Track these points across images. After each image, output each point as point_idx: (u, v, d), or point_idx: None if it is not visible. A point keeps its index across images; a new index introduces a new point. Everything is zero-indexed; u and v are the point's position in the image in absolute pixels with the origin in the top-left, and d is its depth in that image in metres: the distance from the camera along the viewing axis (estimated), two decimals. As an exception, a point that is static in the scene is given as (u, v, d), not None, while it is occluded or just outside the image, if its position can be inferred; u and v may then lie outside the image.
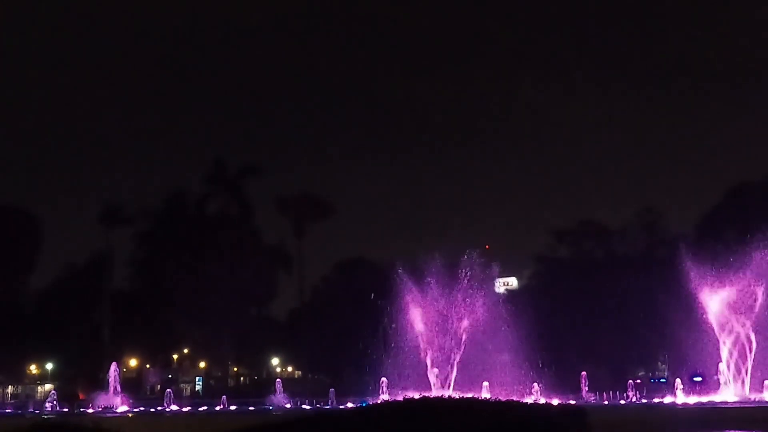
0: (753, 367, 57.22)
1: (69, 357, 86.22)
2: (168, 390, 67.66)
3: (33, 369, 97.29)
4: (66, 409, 57.67)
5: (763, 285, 57.58)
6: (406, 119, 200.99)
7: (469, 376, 58.07)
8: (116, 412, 55.48)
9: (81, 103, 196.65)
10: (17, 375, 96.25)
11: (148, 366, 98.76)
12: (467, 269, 60.25)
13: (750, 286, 57.78)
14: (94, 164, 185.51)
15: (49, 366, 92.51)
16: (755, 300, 57.80)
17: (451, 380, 59.41)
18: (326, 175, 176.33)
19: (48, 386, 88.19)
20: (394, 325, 60.05)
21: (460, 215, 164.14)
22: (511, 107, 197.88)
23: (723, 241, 59.51)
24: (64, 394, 65.72)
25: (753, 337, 57.69)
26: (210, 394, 78.28)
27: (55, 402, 61.08)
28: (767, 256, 57.29)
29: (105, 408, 58.28)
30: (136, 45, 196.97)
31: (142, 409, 59.84)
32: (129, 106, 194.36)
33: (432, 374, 59.72)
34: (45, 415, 51.64)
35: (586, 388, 61.04)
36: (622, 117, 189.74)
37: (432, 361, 60.45)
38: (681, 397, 56.21)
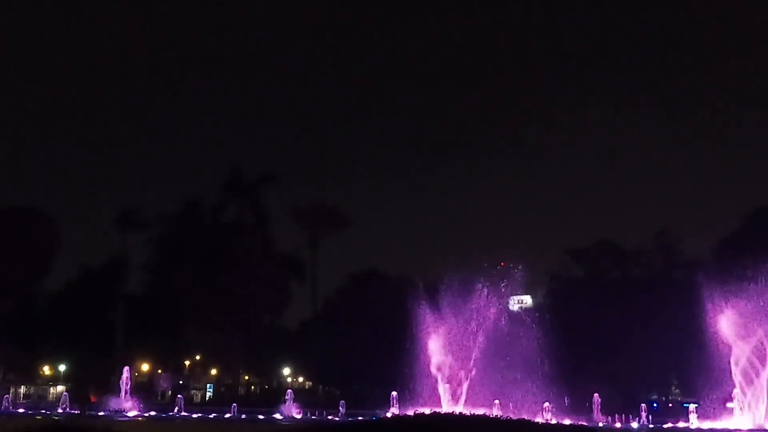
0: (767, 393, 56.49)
1: (81, 359, 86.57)
2: (179, 396, 67.77)
3: (46, 370, 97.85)
4: (77, 412, 57.82)
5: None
6: (426, 134, 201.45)
7: (480, 393, 57.71)
8: (127, 416, 55.60)
9: (101, 108, 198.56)
10: (30, 375, 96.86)
11: (159, 371, 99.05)
12: (481, 286, 60.02)
13: (765, 311, 57.12)
14: (112, 168, 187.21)
15: (62, 368, 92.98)
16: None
17: (462, 396, 59.10)
18: (343, 186, 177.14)
19: (60, 388, 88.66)
20: (405, 339, 59.80)
21: (475, 231, 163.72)
22: (532, 126, 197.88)
23: (740, 266, 58.87)
24: (76, 396, 65.93)
25: (768, 363, 57.00)
26: (220, 402, 78.33)
27: (66, 404, 61.29)
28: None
29: (116, 411, 58.39)
30: (157, 52, 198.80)
31: (152, 413, 59.91)
32: (149, 111, 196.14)
33: (443, 390, 59.43)
34: (56, 416, 51.83)
35: (598, 410, 60.47)
36: (642, 139, 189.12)
37: (443, 377, 60.16)
38: (695, 422, 55.58)
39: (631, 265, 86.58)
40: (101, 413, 56.87)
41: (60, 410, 59.30)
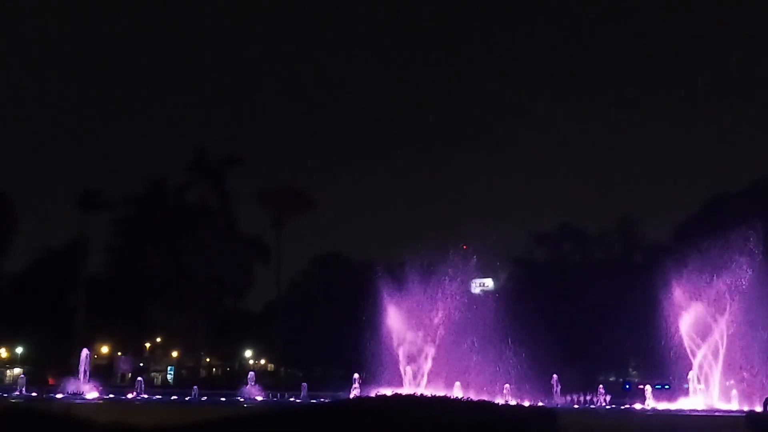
0: (721, 375, 57.89)
1: (40, 342, 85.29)
2: (139, 378, 67.19)
3: (2, 353, 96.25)
4: (35, 394, 57.04)
5: (736, 295, 58.27)
6: (391, 118, 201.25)
7: (442, 375, 58.21)
8: (86, 399, 54.93)
9: (61, 87, 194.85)
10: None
11: (119, 353, 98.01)
12: (444, 269, 60.37)
13: (722, 295, 58.42)
14: (74, 148, 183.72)
15: (19, 350, 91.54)
16: (726, 309, 58.46)
17: (423, 378, 59.53)
18: (309, 169, 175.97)
19: (17, 370, 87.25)
20: (368, 322, 60.00)
21: (439, 215, 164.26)
22: (495, 111, 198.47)
23: (698, 250, 60.16)
24: (34, 379, 64.94)
25: (723, 346, 58.35)
26: (181, 384, 77.79)
27: (23, 386, 60.39)
28: (741, 266, 57.99)
29: (75, 394, 57.67)
30: (121, 32, 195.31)
31: (112, 396, 59.35)
32: (111, 90, 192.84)
33: (405, 372, 59.80)
34: (13, 399, 51.05)
35: (558, 391, 61.32)
36: (604, 124, 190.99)
37: (405, 359, 60.52)
38: (651, 403, 56.69)
39: (593, 249, 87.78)
40: (59, 396, 56.17)
41: (17, 393, 58.41)
